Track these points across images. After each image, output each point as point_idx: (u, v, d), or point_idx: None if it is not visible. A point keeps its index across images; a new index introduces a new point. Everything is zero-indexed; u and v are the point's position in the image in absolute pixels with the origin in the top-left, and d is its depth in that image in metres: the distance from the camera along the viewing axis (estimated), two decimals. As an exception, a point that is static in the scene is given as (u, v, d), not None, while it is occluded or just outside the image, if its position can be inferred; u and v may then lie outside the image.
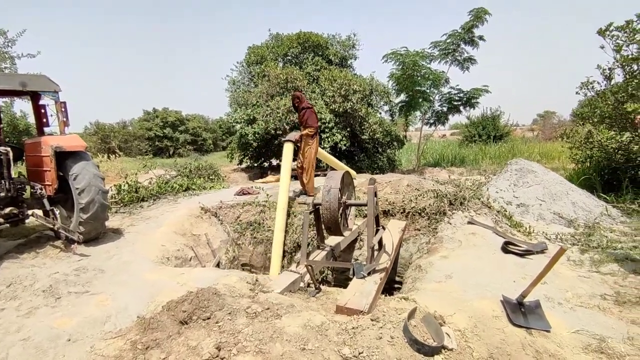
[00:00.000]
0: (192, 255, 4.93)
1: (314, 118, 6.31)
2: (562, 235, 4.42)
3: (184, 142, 38.78)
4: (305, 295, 3.27)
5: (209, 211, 6.04)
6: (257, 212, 6.14)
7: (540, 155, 12.60)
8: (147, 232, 5.10)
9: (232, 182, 10.03)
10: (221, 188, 8.42)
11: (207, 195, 7.44)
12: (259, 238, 5.79)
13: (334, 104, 9.47)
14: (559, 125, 31.40)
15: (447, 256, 3.86)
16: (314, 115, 6.39)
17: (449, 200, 4.81)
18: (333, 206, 3.44)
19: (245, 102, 10.75)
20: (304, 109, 6.32)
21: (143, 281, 3.50)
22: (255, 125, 9.82)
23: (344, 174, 3.70)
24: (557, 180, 5.65)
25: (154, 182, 7.73)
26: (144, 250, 4.48)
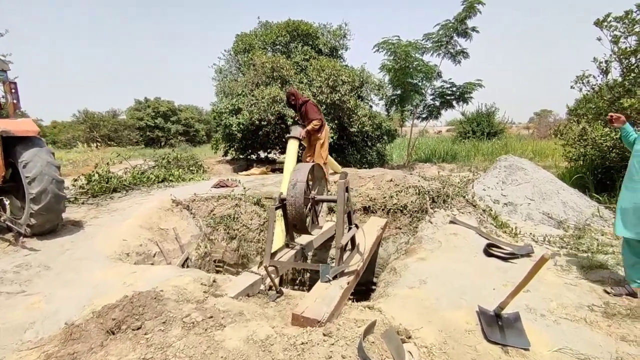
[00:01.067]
0: (156, 251, 4.60)
1: (315, 110, 5.91)
2: (550, 237, 4.14)
3: (176, 132, 38.18)
4: (265, 300, 2.96)
5: (180, 204, 5.70)
6: (232, 206, 5.81)
7: (533, 153, 12.36)
8: (111, 225, 4.76)
9: (215, 174, 9.66)
10: (201, 180, 8.07)
11: (183, 188, 7.09)
12: (232, 234, 5.46)
13: (322, 95, 9.11)
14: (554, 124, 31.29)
15: (424, 258, 3.57)
16: (315, 107, 5.96)
17: (431, 198, 4.51)
18: (299, 202, 3.12)
19: (231, 91, 10.35)
20: (303, 104, 5.94)
21: (89, 281, 3.17)
22: (240, 116, 9.44)
23: (314, 166, 3.38)
24: (547, 178, 5.37)
25: (129, 173, 7.36)
26: (102, 245, 4.14)
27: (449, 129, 44.74)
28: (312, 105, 5.92)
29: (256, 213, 5.61)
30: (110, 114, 33.86)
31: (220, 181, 6.98)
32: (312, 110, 5.85)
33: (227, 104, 9.82)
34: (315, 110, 5.83)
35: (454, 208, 4.40)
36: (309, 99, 5.95)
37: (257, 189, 6.49)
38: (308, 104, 5.88)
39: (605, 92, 5.74)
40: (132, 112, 37.02)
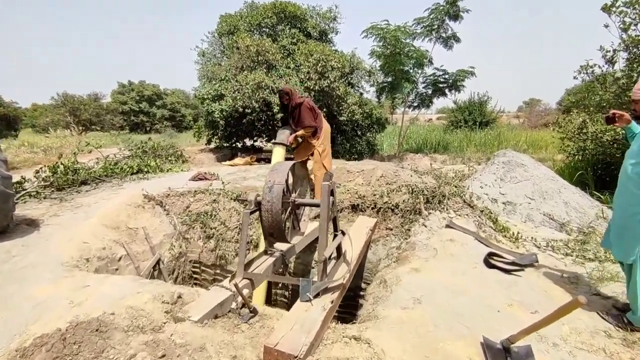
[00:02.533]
0: (122, 254, 4.15)
1: (309, 115, 4.83)
2: (553, 242, 3.82)
3: (162, 117, 37.11)
4: (236, 321, 2.56)
5: (153, 199, 5.22)
6: (209, 202, 5.36)
7: (527, 145, 12.10)
8: (71, 225, 4.27)
9: (196, 164, 9.15)
10: (179, 171, 7.56)
11: (159, 180, 6.59)
12: (210, 232, 5.03)
13: (309, 82, 8.60)
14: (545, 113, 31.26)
15: (418, 269, 3.20)
16: (310, 111, 4.87)
17: (426, 198, 4.13)
18: (276, 207, 2.70)
19: (214, 76, 9.75)
20: (296, 106, 4.91)
21: (31, 297, 2.72)
22: (223, 102, 8.88)
23: (295, 165, 2.95)
24: (548, 176, 5.04)
25: (100, 163, 6.81)
26: (58, 249, 3.67)
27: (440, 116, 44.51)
28: (306, 109, 4.89)
29: (235, 210, 5.18)
30: (91, 98, 32.52)
31: (199, 173, 6.50)
32: (306, 114, 4.84)
33: (209, 89, 9.24)
34: (309, 115, 4.82)
35: (450, 210, 4.03)
36: (304, 100, 4.94)
37: (237, 183, 6.04)
38: (302, 106, 4.89)
39: (611, 84, 5.38)
40: (116, 95, 35.74)
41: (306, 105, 4.81)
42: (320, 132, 4.78)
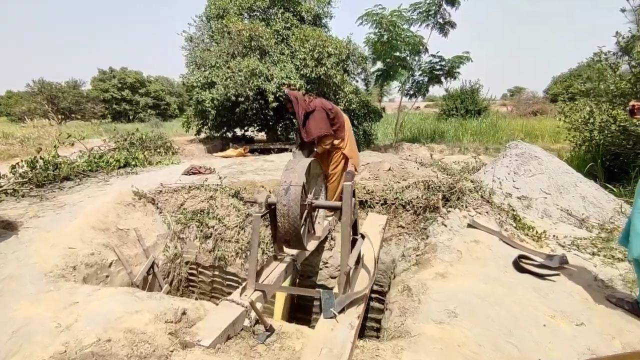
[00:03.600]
0: (113, 259, 3.78)
1: (320, 125, 3.89)
2: (578, 240, 3.61)
3: (145, 106, 35.92)
4: (251, 341, 2.26)
5: (144, 197, 4.83)
6: (205, 199, 4.99)
7: (523, 134, 11.99)
8: (53, 228, 3.86)
9: (187, 155, 8.70)
10: (170, 164, 7.14)
11: (149, 174, 6.17)
12: (207, 232, 4.68)
13: (306, 69, 8.18)
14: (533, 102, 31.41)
15: (444, 274, 2.95)
16: (322, 120, 3.92)
17: (444, 196, 3.86)
18: (293, 212, 2.38)
19: (203, 62, 9.21)
20: (307, 115, 3.95)
21: (10, 320, 2.35)
22: (214, 90, 8.40)
23: (311, 163, 2.62)
24: (562, 169, 4.84)
25: (84, 156, 6.32)
26: (40, 257, 3.29)
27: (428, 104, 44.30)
28: (320, 119, 3.90)
29: (234, 207, 4.83)
30: (70, 85, 31.08)
31: (192, 167, 6.10)
32: (315, 123, 3.89)
33: (198, 76, 8.73)
34: (320, 126, 3.89)
35: (470, 207, 3.78)
36: (316, 107, 3.93)
37: (234, 178, 5.67)
38: (314, 114, 3.91)
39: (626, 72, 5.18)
40: (96, 82, 34.34)
41: (320, 112, 3.93)
42: (342, 131, 4.08)
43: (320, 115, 3.94)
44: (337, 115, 4.16)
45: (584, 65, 37.63)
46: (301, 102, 4.00)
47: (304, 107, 3.98)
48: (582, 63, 35.62)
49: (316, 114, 3.94)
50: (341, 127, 4.16)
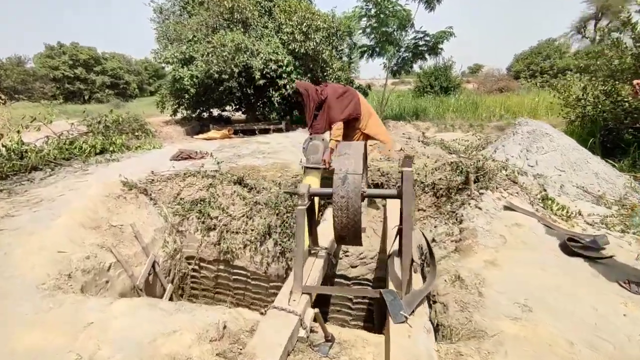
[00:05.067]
0: (111, 261, 3.30)
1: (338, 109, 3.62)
2: (602, 217, 3.55)
3: (102, 85, 33.35)
4: (312, 355, 1.96)
5: (135, 187, 4.29)
6: (204, 186, 4.54)
7: (504, 110, 12.15)
8: (36, 229, 3.29)
9: (165, 138, 8.00)
10: (151, 149, 6.49)
11: (132, 161, 5.55)
12: (210, 223, 4.26)
13: (294, 43, 7.64)
14: (498, 79, 32.23)
15: (494, 262, 2.76)
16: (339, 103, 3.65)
17: (475, 177, 3.67)
18: (354, 204, 2.06)
19: (179, 36, 8.39)
20: (319, 107, 3.69)
21: (10, 352, 1.90)
22: (193, 67, 7.69)
23: (365, 146, 2.29)
24: (572, 145, 4.80)
25: (51, 143, 5.55)
26: (27, 266, 2.77)
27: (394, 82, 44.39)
28: (336, 107, 3.62)
29: (239, 195, 4.42)
30: (13, 62, 28.06)
31: (182, 152, 5.55)
32: (333, 112, 3.62)
33: (174, 52, 7.94)
34: (336, 112, 3.61)
35: (500, 188, 3.62)
36: (328, 95, 3.64)
37: (231, 162, 5.20)
38: (329, 104, 3.63)
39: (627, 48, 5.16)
40: (43, 59, 31.28)
41: (332, 98, 3.64)
42: (359, 108, 3.75)
43: (334, 103, 3.64)
44: (353, 96, 3.84)
45: (543, 43, 38.71)
46: (312, 93, 3.69)
47: (315, 99, 3.69)
48: (542, 41, 36.85)
49: (331, 103, 3.65)
50: (357, 106, 3.83)
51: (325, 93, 3.67)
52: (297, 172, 4.73)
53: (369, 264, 3.94)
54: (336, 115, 3.61)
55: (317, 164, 3.36)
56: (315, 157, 3.41)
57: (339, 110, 3.61)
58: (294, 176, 4.67)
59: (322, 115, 3.68)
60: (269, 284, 4.30)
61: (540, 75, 33.21)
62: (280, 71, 7.59)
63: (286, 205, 4.14)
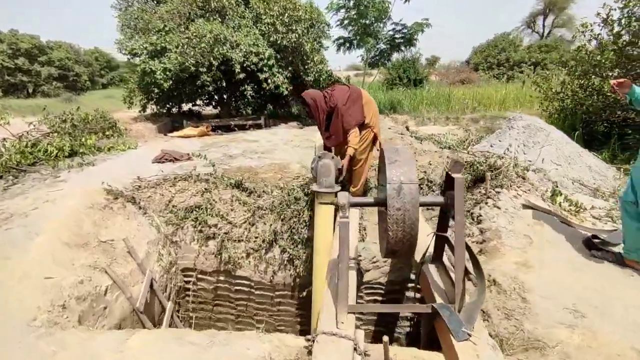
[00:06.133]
0: (107, 284, 2.91)
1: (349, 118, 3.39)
2: (607, 211, 3.65)
3: (49, 77, 30.64)
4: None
5: (122, 195, 3.85)
6: (198, 191, 4.19)
7: (476, 102, 12.47)
8: (11, 252, 2.82)
9: (136, 137, 7.37)
10: (126, 149, 5.94)
11: (108, 165, 5.03)
12: (208, 232, 3.93)
13: (276, 35, 7.27)
14: (459, 71, 33.32)
15: (526, 264, 2.72)
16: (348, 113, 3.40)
17: (492, 175, 3.62)
18: (411, 217, 1.88)
19: (146, 25, 7.73)
20: (329, 116, 3.47)
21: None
22: (166, 59, 7.11)
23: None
24: (565, 139, 4.94)
25: (11, 147, 4.88)
26: (8, 299, 2.36)
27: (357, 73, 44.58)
28: (346, 109, 3.40)
29: (238, 200, 4.11)
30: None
31: (165, 153, 5.10)
32: (347, 120, 3.40)
33: (143, 42, 7.31)
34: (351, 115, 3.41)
35: (514, 186, 3.60)
36: (337, 103, 3.40)
37: (223, 163, 4.85)
38: (341, 112, 3.39)
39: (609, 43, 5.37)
40: (-23, 48, 28.15)
41: (342, 105, 3.40)
42: (367, 110, 3.52)
43: (346, 109, 3.40)
44: (358, 95, 3.63)
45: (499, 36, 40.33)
46: (320, 103, 3.46)
47: (324, 109, 3.47)
48: (498, 34, 38.50)
49: (342, 110, 3.40)
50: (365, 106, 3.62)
51: (334, 100, 3.43)
52: (298, 173, 4.49)
53: (382, 268, 3.80)
54: (351, 121, 3.40)
55: (331, 188, 2.97)
56: (328, 179, 3.00)
57: (352, 116, 3.41)
58: (294, 177, 4.43)
59: (335, 125, 3.46)
60: (275, 292, 4.06)
61: (497, 67, 34.59)
62: (261, 64, 7.22)
63: (293, 210, 3.90)
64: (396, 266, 3.77)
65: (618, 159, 5.68)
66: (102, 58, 43.89)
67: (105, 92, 32.93)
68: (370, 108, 3.59)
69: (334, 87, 3.60)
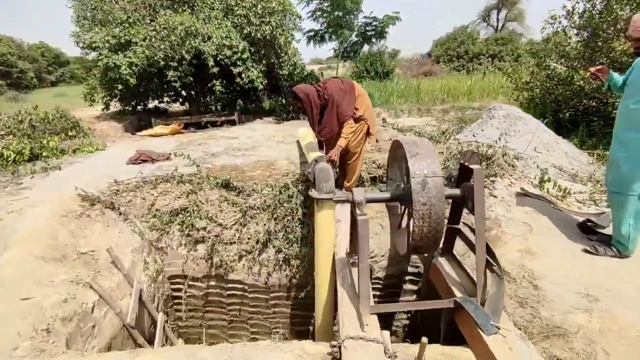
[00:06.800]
0: (94, 299, 2.64)
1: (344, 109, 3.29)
2: (589, 194, 3.80)
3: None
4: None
5: (99, 201, 3.53)
6: (183, 193, 3.93)
7: (445, 93, 12.76)
8: (-23, 270, 2.49)
9: (101, 137, 6.86)
10: (94, 151, 5.49)
11: (76, 168, 4.62)
12: (197, 236, 3.70)
13: (249, 27, 6.98)
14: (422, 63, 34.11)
15: (529, 250, 2.77)
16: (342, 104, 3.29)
17: (485, 164, 3.65)
18: (437, 212, 1.82)
19: (106, 17, 7.16)
20: (323, 108, 3.36)
21: None
22: (131, 53, 6.63)
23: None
24: (541, 127, 5.11)
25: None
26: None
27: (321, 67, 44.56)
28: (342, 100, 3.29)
29: (226, 200, 3.90)
30: None
31: (141, 153, 4.75)
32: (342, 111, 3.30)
33: (105, 35, 6.78)
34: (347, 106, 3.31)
35: (507, 174, 3.66)
36: (331, 96, 3.29)
37: (206, 162, 4.58)
38: (336, 101, 3.29)
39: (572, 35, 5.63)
40: None
41: (338, 96, 3.30)
42: (360, 102, 3.41)
43: (341, 100, 3.29)
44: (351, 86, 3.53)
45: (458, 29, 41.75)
46: (313, 98, 3.32)
47: (317, 103, 3.34)
48: (457, 27, 39.83)
49: (338, 101, 3.29)
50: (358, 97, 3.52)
51: (328, 93, 3.31)
52: (287, 170, 4.33)
53: (380, 262, 3.76)
54: (346, 112, 3.29)
55: (331, 194, 2.79)
56: (328, 185, 2.82)
57: (347, 107, 3.30)
58: (283, 174, 4.26)
59: (329, 117, 3.34)
60: (270, 294, 3.91)
61: (457, 59, 35.69)
62: (235, 58, 6.91)
63: (287, 208, 3.75)
64: (395, 260, 3.75)
65: (586, 144, 5.99)
66: (49, 53, 40.80)
67: (55, 90, 30.59)
68: (364, 100, 3.50)
69: (325, 81, 3.49)
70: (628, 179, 2.41)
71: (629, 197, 2.41)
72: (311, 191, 2.90)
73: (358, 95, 3.45)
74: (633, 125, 2.39)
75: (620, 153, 2.46)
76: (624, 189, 2.43)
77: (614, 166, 2.50)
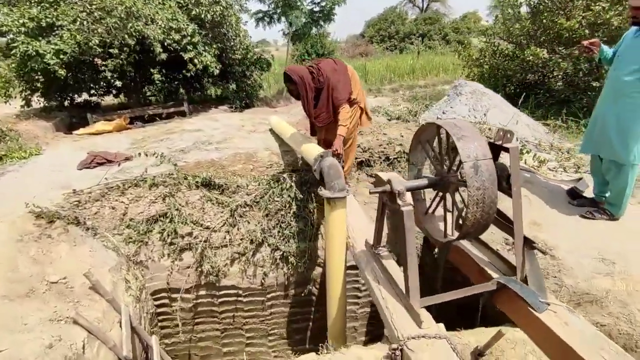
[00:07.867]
0: (83, 336, 2.21)
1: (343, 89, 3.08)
2: (560, 163, 4.06)
3: None
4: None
5: (58, 217, 2.97)
6: (158, 197, 3.48)
7: (391, 73, 12.99)
8: None
9: (31, 139, 5.86)
10: (28, 156, 4.65)
11: (12, 179, 3.88)
12: (182, 243, 3.31)
13: (198, 8, 6.31)
14: (356, 44, 34.48)
15: (535, 222, 2.88)
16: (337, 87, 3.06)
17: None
18: (490, 196, 1.74)
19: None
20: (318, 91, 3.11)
21: None
22: (57, 39, 5.68)
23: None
24: (503, 102, 5.36)
25: None
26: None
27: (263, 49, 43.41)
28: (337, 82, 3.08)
29: (210, 200, 3.54)
30: None
31: (95, 156, 4.11)
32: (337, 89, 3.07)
33: (19, 17, 5.73)
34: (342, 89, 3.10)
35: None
36: (326, 77, 3.06)
37: (177, 159, 4.08)
38: (332, 83, 3.06)
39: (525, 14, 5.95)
40: None
41: (333, 77, 3.07)
42: (353, 84, 3.22)
43: (337, 82, 3.06)
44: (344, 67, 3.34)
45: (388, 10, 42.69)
46: (308, 80, 3.06)
47: (312, 86, 3.09)
48: (387, 8, 40.81)
49: (334, 83, 3.06)
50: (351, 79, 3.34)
51: (323, 75, 3.06)
52: (270, 162, 4.03)
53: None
54: (341, 95, 3.07)
55: (344, 192, 2.58)
56: (339, 182, 2.60)
57: (343, 90, 3.09)
58: (267, 167, 3.97)
59: (324, 101, 3.11)
60: (267, 296, 3.67)
61: (389, 39, 36.59)
62: (184, 42, 6.25)
63: (280, 202, 3.50)
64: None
65: (536, 115, 6.44)
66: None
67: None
68: (357, 82, 3.33)
69: (319, 61, 3.23)
70: None
71: (635, 166, 2.56)
72: (321, 190, 2.69)
73: (351, 76, 3.26)
74: (624, 97, 2.51)
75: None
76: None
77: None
